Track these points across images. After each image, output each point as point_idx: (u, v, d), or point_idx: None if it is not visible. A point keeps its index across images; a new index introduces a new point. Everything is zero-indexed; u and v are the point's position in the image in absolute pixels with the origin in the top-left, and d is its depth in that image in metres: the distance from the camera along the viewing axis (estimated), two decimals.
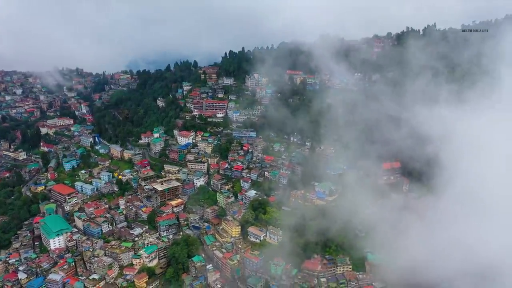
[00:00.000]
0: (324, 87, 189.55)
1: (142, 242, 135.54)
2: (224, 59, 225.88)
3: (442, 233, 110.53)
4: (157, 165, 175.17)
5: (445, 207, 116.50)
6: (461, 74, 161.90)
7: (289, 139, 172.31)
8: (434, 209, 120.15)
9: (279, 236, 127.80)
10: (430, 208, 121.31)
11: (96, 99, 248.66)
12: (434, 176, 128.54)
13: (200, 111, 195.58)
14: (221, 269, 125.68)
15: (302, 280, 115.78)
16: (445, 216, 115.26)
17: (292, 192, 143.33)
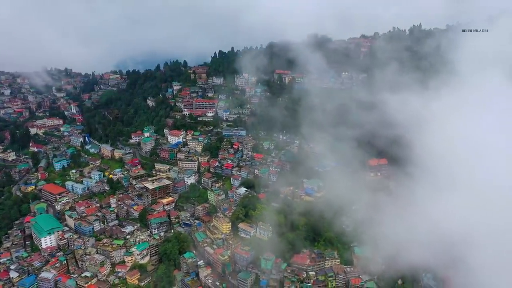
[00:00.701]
0: (312, 86, 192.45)
1: (134, 240, 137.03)
2: (213, 58, 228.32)
3: (418, 215, 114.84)
4: (147, 164, 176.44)
5: (422, 190, 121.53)
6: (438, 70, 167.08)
7: (278, 137, 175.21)
8: (412, 192, 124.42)
9: (269, 232, 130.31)
10: (409, 193, 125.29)
11: (85, 99, 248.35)
12: (412, 162, 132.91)
13: (190, 110, 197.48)
14: (212, 264, 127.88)
15: (292, 274, 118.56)
16: (421, 198, 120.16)
17: (282, 189, 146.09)
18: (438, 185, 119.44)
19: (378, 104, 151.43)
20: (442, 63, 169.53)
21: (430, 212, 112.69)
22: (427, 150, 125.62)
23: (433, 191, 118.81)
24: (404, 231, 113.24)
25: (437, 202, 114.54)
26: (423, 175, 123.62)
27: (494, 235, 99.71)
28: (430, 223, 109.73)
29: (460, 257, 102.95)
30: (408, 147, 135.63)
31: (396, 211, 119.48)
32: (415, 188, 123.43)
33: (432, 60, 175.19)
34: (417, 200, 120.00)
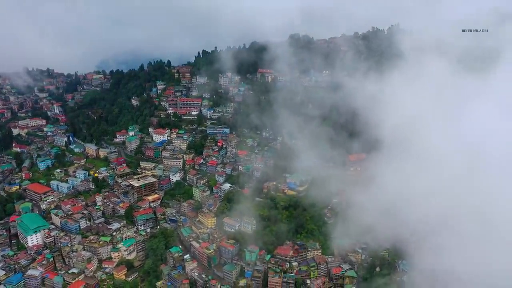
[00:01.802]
0: (294, 84, 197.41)
1: (120, 236, 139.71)
2: (197, 58, 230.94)
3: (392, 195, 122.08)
4: (133, 162, 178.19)
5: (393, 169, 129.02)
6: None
7: (262, 135, 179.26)
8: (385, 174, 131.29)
9: (253, 225, 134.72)
10: (380, 174, 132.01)
11: (68, 99, 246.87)
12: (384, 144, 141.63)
13: (175, 109, 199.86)
14: (198, 258, 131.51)
15: (275, 264, 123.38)
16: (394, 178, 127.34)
17: (265, 184, 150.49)
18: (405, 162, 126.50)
19: (354, 99, 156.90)
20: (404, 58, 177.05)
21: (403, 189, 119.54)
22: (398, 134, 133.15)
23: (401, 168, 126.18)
24: (378, 214, 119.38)
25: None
26: (393, 156, 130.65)
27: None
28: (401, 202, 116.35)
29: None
30: (379, 133, 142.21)
31: (369, 197, 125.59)
32: (387, 168, 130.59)
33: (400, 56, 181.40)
34: (388, 182, 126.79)
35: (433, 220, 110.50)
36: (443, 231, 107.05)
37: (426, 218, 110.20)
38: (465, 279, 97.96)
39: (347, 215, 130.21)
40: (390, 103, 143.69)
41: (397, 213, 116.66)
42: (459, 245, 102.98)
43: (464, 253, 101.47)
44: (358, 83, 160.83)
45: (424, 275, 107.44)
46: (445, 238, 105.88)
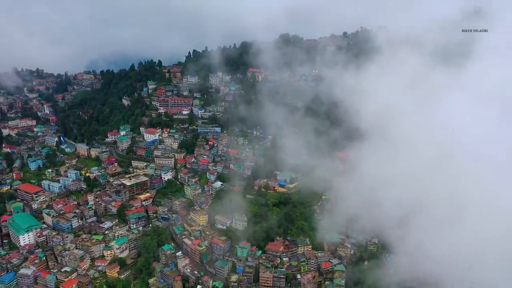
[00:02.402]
0: (284, 83, 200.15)
1: (113, 235, 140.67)
2: (187, 58, 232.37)
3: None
4: (124, 161, 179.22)
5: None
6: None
7: (252, 133, 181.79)
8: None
9: (244, 222, 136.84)
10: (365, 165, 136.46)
11: (59, 99, 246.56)
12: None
13: (166, 108, 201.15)
14: (190, 255, 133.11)
15: (266, 260, 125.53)
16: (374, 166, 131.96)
17: (256, 182, 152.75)
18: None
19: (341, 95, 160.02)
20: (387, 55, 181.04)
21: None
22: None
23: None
24: (362, 204, 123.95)
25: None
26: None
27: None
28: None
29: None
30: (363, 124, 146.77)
31: (354, 188, 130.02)
32: (369, 157, 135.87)
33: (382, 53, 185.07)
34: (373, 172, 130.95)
35: (410, 205, 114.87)
36: (419, 215, 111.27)
37: (404, 203, 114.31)
38: (438, 259, 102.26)
39: (335, 209, 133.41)
40: (372, 96, 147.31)
41: (378, 200, 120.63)
42: (433, 227, 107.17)
43: (437, 234, 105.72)
44: (346, 81, 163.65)
45: (404, 260, 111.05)
46: (421, 221, 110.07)
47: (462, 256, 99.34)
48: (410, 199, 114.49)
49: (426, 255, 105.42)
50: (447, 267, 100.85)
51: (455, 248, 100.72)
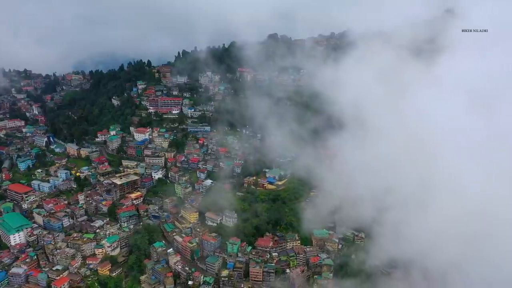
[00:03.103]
0: (273, 83, 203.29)
1: (104, 233, 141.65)
2: (177, 58, 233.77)
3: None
4: (115, 161, 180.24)
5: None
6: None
7: (242, 132, 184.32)
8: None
9: (234, 219, 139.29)
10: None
11: (47, 100, 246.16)
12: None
13: (156, 108, 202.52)
14: (181, 252, 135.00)
15: (256, 255, 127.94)
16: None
17: (245, 179, 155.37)
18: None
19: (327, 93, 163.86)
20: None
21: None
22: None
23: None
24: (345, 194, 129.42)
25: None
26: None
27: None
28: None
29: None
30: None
31: (337, 179, 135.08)
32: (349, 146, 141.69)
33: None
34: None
35: (385, 189, 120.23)
36: (394, 198, 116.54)
37: (381, 188, 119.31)
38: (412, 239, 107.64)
39: (321, 204, 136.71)
40: (355, 91, 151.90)
41: (359, 189, 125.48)
42: (405, 209, 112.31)
43: (409, 215, 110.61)
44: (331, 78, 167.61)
45: (382, 242, 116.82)
46: (396, 204, 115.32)
47: (431, 235, 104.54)
48: (385, 184, 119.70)
49: (401, 236, 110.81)
50: (419, 246, 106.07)
51: (424, 227, 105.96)
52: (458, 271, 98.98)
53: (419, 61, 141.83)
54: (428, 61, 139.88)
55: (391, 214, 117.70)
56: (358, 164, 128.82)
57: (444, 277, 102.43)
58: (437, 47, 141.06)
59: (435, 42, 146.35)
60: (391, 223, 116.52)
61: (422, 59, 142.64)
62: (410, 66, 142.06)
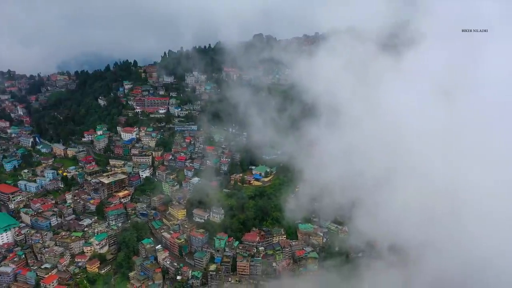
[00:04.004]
0: (258, 82, 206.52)
1: (92, 231, 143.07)
2: (163, 58, 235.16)
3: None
4: (102, 160, 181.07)
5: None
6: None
7: (228, 130, 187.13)
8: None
9: (221, 215, 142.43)
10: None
11: (32, 101, 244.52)
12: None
13: (142, 108, 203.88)
14: (170, 248, 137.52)
15: (243, 250, 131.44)
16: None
17: (232, 176, 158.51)
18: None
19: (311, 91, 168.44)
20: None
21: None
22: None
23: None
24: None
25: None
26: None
27: None
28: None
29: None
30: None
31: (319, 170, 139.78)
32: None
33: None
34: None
35: (358, 174, 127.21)
36: (366, 183, 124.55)
37: (354, 173, 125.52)
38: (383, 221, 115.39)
39: (305, 199, 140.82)
40: (330, 84, 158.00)
41: (336, 176, 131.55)
42: (378, 194, 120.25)
43: (381, 200, 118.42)
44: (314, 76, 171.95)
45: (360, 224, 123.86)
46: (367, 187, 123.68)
47: (402, 216, 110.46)
48: (360, 170, 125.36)
49: (376, 218, 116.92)
50: (393, 227, 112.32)
51: (395, 208, 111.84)
52: (432, 249, 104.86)
53: (388, 55, 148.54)
54: (396, 55, 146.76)
55: (366, 197, 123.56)
56: (337, 154, 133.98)
57: (419, 255, 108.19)
58: (405, 41, 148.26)
59: (402, 36, 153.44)
60: (366, 207, 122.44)
61: (391, 52, 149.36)
62: (380, 59, 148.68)
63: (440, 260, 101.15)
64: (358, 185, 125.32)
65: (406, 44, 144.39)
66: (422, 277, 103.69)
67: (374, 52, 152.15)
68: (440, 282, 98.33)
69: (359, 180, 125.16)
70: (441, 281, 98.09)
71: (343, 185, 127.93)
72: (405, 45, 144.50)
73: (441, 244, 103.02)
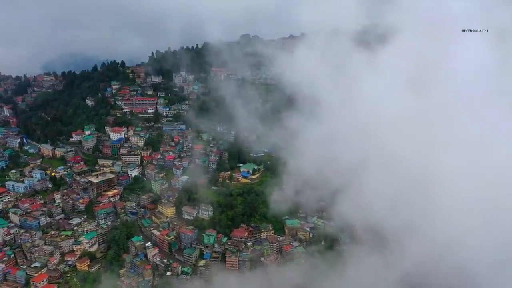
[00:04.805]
0: (245, 82, 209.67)
1: (82, 230, 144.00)
2: (151, 58, 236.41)
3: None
4: (90, 160, 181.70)
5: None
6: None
7: (216, 129, 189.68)
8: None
9: (210, 212, 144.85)
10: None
11: (19, 101, 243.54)
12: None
13: (131, 108, 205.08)
14: (159, 245, 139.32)
15: (232, 245, 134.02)
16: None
17: (220, 174, 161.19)
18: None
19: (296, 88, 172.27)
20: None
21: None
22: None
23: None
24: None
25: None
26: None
27: None
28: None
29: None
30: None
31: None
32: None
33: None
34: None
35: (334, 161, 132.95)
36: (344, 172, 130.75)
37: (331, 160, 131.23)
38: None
39: (291, 195, 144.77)
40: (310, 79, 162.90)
41: (317, 166, 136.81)
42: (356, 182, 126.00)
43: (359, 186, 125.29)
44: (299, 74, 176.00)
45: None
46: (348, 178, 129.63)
47: (379, 202, 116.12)
48: (336, 158, 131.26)
49: (356, 204, 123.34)
50: (373, 212, 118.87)
51: (369, 194, 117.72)
52: (409, 232, 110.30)
53: (363, 50, 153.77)
54: (371, 50, 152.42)
55: (345, 186, 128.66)
56: (318, 145, 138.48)
57: (398, 239, 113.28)
58: (379, 37, 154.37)
59: (377, 32, 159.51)
60: (346, 194, 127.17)
61: (366, 48, 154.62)
62: (356, 55, 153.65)
63: (418, 242, 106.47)
64: (338, 174, 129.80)
65: (380, 40, 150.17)
66: (402, 260, 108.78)
67: (351, 48, 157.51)
68: (418, 264, 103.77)
69: (338, 169, 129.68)
70: (419, 263, 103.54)
71: (323, 175, 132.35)
72: (379, 41, 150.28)
73: (418, 227, 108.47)
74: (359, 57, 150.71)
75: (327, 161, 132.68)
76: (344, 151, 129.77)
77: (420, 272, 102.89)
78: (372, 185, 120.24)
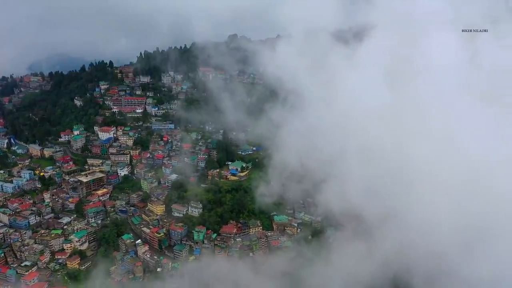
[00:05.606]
0: (233, 81, 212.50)
1: (72, 229, 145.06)
2: (139, 58, 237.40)
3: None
4: (79, 160, 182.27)
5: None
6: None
7: (205, 128, 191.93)
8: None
9: (200, 209, 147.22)
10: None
11: (6, 102, 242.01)
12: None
13: (119, 107, 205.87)
14: (149, 242, 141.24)
15: (221, 241, 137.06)
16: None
17: (209, 172, 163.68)
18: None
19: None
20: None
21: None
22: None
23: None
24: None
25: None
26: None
27: None
28: None
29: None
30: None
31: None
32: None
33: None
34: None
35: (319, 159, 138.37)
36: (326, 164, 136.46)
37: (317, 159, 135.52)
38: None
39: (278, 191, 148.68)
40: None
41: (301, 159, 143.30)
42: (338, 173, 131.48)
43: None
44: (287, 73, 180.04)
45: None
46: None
47: (355, 191, 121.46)
48: (318, 151, 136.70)
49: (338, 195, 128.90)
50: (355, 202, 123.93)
51: (351, 184, 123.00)
52: (390, 220, 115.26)
53: (342, 47, 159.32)
54: (349, 46, 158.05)
55: (329, 177, 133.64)
56: (301, 139, 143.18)
57: (382, 227, 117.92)
58: (356, 34, 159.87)
59: (354, 29, 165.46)
60: (329, 186, 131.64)
61: (345, 45, 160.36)
62: (338, 51, 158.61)
63: (396, 228, 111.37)
64: (320, 165, 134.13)
65: (358, 37, 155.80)
66: (382, 245, 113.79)
67: (332, 45, 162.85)
68: (397, 248, 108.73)
69: (320, 160, 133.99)
70: (398, 248, 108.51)
71: (307, 168, 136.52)
72: (357, 38, 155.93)
73: (396, 213, 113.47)
74: (338, 53, 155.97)
75: (309, 153, 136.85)
76: (326, 143, 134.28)
77: (399, 256, 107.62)
78: (352, 175, 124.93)
